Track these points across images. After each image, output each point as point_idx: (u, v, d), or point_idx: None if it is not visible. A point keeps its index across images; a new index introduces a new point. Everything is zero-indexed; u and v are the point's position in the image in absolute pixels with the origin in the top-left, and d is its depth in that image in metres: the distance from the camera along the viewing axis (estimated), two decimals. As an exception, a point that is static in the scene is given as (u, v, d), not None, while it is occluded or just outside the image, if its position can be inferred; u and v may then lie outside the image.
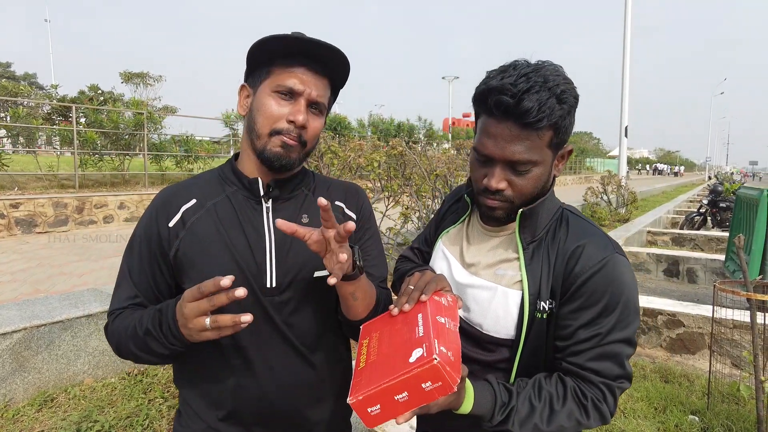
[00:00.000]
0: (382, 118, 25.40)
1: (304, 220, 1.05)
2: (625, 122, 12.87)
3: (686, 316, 4.28)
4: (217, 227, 1.00)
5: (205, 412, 1.05)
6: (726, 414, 3.05)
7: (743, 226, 5.70)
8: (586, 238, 0.97)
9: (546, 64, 0.92)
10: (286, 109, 0.98)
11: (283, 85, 0.97)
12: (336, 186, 1.18)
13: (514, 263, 1.00)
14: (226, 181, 1.07)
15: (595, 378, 0.93)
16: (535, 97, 0.86)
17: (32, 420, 2.63)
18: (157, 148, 12.14)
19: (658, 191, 24.82)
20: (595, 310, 0.92)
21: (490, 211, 1.00)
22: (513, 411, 0.91)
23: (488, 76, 0.93)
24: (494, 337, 1.01)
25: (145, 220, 1.05)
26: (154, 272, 1.03)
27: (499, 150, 0.91)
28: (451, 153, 5.66)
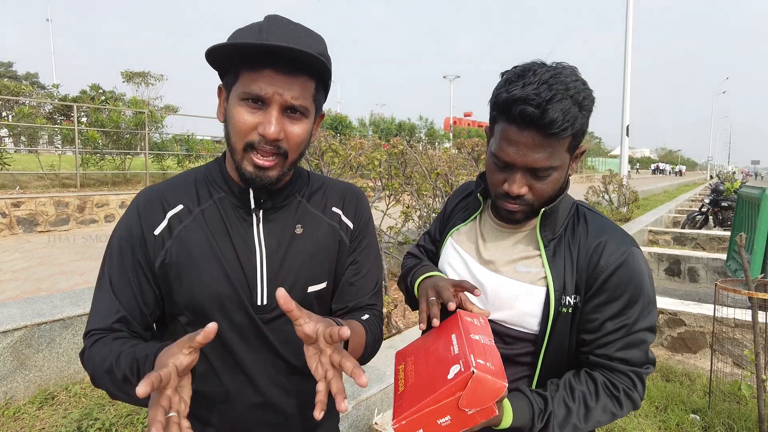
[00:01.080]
0: (383, 118, 25.41)
1: (297, 231, 0.99)
2: (627, 121, 12.85)
3: (687, 315, 4.28)
4: (207, 237, 0.93)
5: (207, 422, 0.99)
6: (727, 413, 3.04)
7: (745, 225, 5.68)
8: (606, 233, 1.00)
9: (564, 68, 0.92)
10: (256, 119, 0.86)
11: (249, 92, 0.85)
12: (333, 189, 1.08)
13: (535, 260, 1.02)
14: (214, 185, 0.97)
15: (625, 367, 0.97)
16: (559, 106, 0.87)
17: (33, 418, 2.64)
18: (158, 147, 12.15)
19: (659, 190, 24.78)
20: (620, 303, 0.96)
21: (510, 215, 1.02)
22: (551, 416, 0.93)
23: (508, 82, 0.93)
24: (518, 331, 1.03)
25: (125, 224, 0.94)
26: (139, 282, 0.93)
27: (521, 157, 0.92)
28: (452, 152, 5.65)
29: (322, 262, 1.00)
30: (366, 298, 1.07)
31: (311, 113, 0.92)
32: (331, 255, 1.02)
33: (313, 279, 0.98)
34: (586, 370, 1.01)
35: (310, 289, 0.98)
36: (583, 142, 0.98)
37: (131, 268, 0.92)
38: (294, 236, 0.98)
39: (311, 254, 0.99)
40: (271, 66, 0.84)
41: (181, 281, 0.92)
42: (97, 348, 0.88)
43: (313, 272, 0.98)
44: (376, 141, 5.59)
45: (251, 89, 0.85)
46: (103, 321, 0.91)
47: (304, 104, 0.88)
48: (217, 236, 0.93)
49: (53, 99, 13.18)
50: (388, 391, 2.78)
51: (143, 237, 0.92)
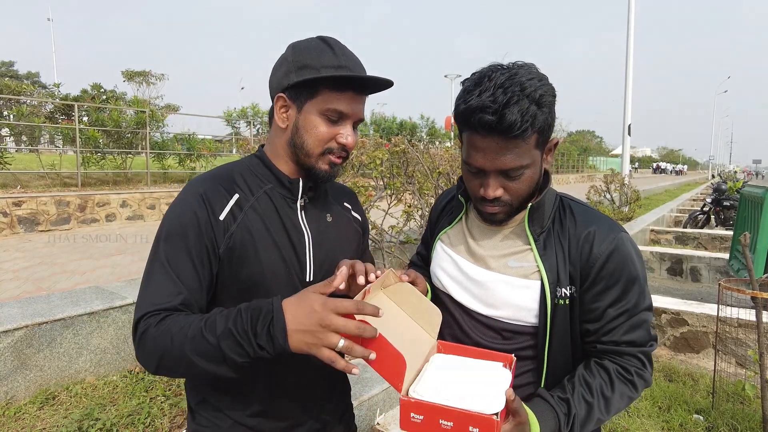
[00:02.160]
0: (384, 117, 25.41)
1: (329, 219, 1.13)
2: (629, 120, 12.83)
3: (690, 315, 4.26)
4: (264, 224, 1.02)
5: (230, 408, 1.05)
6: (731, 413, 3.03)
7: (748, 224, 5.66)
8: (593, 222, 1.03)
9: (519, 68, 0.95)
10: (335, 131, 1.02)
11: (334, 109, 1.00)
12: (339, 188, 1.26)
13: (526, 254, 1.04)
14: (261, 177, 1.08)
15: (632, 349, 1.00)
16: (516, 109, 0.89)
17: (34, 418, 2.63)
18: (159, 146, 12.15)
19: (660, 189, 24.75)
20: (618, 288, 0.99)
21: (491, 217, 1.04)
22: (575, 417, 0.95)
23: (465, 92, 0.95)
24: (515, 325, 1.04)
25: (188, 208, 0.97)
26: (203, 264, 0.95)
27: (489, 162, 0.95)
28: (453, 151, 5.63)
29: (348, 246, 1.16)
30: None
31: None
32: (352, 241, 1.19)
33: (346, 256, 1.07)
34: (596, 361, 1.03)
35: None
36: (552, 135, 1.01)
37: (196, 251, 0.95)
38: (327, 223, 1.12)
39: (340, 239, 1.13)
40: (353, 89, 1.01)
41: (243, 264, 0.99)
42: (169, 323, 0.86)
43: (343, 255, 1.08)
44: (377, 140, 5.57)
45: (336, 107, 1.00)
46: (166, 301, 0.90)
47: (363, 117, 1.07)
48: (272, 223, 1.03)
49: (54, 98, 13.20)
50: (390, 391, 2.77)
51: (209, 221, 0.97)
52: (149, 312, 0.89)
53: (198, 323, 0.85)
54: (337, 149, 1.03)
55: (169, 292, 0.91)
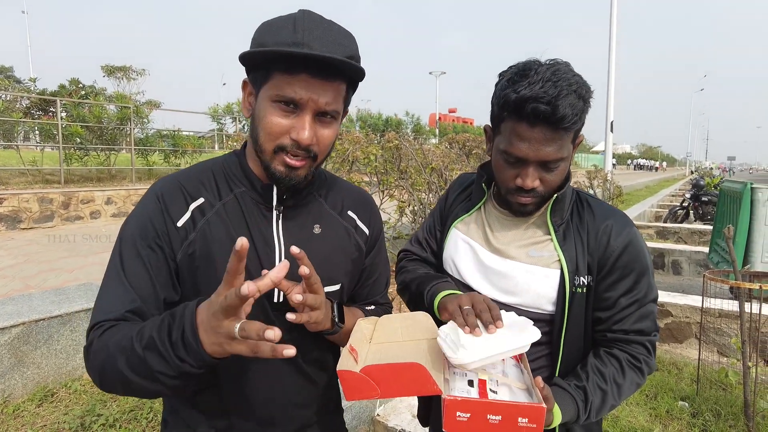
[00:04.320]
0: (370, 113, 25.38)
1: (316, 230, 0.99)
2: (611, 117, 13.06)
3: (674, 306, 4.39)
4: (228, 232, 0.91)
5: (197, 422, 0.96)
6: (714, 399, 3.15)
7: (727, 218, 5.85)
8: (611, 216, 1.08)
9: (560, 64, 0.97)
10: (289, 122, 0.85)
11: (283, 95, 0.83)
12: (349, 193, 1.10)
13: (547, 244, 1.08)
14: (233, 179, 0.96)
15: (641, 338, 1.05)
16: (567, 102, 0.92)
17: (33, 415, 2.61)
18: (143, 143, 11.97)
19: (641, 185, 25.24)
20: (631, 279, 1.04)
21: (522, 208, 1.07)
22: (592, 403, 1.00)
23: (511, 82, 0.97)
24: (533, 312, 1.07)
25: (145, 213, 0.89)
26: (159, 270, 0.87)
27: (533, 152, 0.97)
28: (442, 148, 5.70)
29: (337, 263, 1.01)
30: (377, 299, 1.14)
31: (340, 115, 0.92)
32: (347, 257, 1.03)
33: (328, 279, 0.97)
34: (605, 350, 1.08)
35: (325, 290, 0.96)
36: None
37: (150, 256, 0.87)
38: (312, 236, 0.98)
39: (328, 255, 0.98)
40: (307, 70, 0.82)
41: (202, 275, 0.89)
42: (109, 334, 0.79)
43: (329, 273, 0.97)
44: (369, 135, 5.61)
45: (285, 93, 0.83)
46: (115, 310, 0.83)
47: (336, 108, 0.88)
48: (238, 232, 0.91)
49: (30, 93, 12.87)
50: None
51: (166, 227, 0.88)
52: (99, 322, 0.82)
53: (132, 333, 0.76)
54: (291, 146, 0.85)
55: (122, 300, 0.84)
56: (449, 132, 29.79)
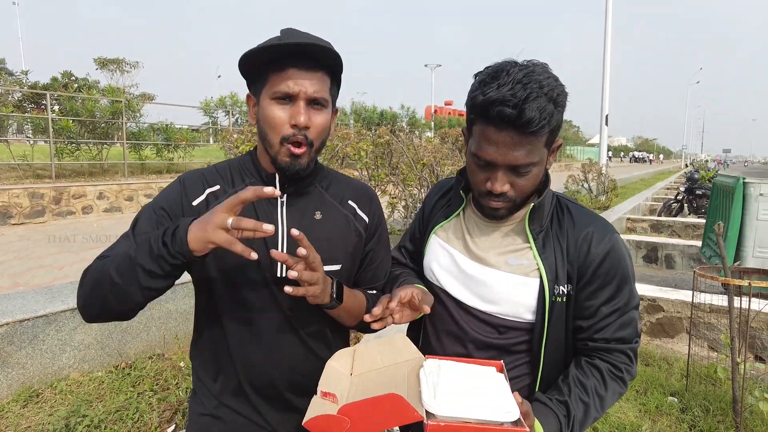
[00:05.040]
0: (364, 106, 25.27)
1: (317, 216, 1.10)
2: (606, 111, 13.03)
3: (666, 301, 4.40)
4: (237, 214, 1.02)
5: (213, 385, 1.10)
6: (703, 395, 3.16)
7: (719, 213, 5.86)
8: (591, 223, 1.06)
9: (536, 66, 0.95)
10: (287, 113, 1.00)
11: (279, 90, 0.99)
12: (351, 186, 1.22)
13: (526, 252, 1.06)
14: (246, 172, 1.10)
15: (622, 346, 1.05)
16: (535, 105, 0.90)
17: (18, 416, 2.59)
18: (135, 137, 11.87)
19: (636, 178, 25.30)
20: (612, 287, 1.03)
21: (493, 212, 1.05)
22: (575, 418, 0.99)
23: (482, 84, 0.95)
24: (512, 321, 1.06)
25: (168, 193, 1.06)
26: None
27: (501, 156, 0.95)
28: (435, 142, 5.66)
29: (337, 245, 1.12)
30: (379, 285, 1.23)
31: (329, 105, 1.05)
32: (346, 241, 1.14)
33: (328, 260, 1.06)
34: (586, 360, 1.06)
35: (324, 268, 1.06)
36: (558, 135, 1.02)
37: (161, 220, 1.01)
38: (314, 221, 1.09)
39: (327, 238, 1.10)
40: (294, 65, 0.98)
41: (213, 253, 0.97)
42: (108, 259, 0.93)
43: (328, 254, 1.07)
44: (360, 131, 5.56)
45: (280, 88, 0.98)
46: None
47: (324, 96, 1.02)
48: (246, 214, 1.01)
49: (22, 86, 12.73)
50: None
51: (182, 205, 1.04)
52: (104, 256, 0.97)
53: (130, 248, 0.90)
54: (292, 135, 1.00)
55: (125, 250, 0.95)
56: (445, 125, 29.71)
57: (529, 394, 1.07)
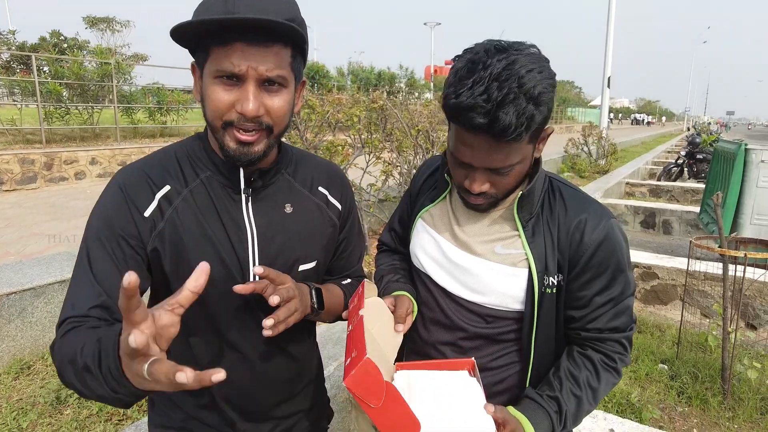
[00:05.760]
0: (362, 67, 24.69)
1: (287, 210, 0.98)
2: (608, 73, 12.73)
3: (661, 269, 4.40)
4: (197, 218, 0.90)
5: (182, 399, 0.99)
6: (693, 362, 3.19)
7: (720, 178, 5.78)
8: (584, 209, 0.98)
9: (518, 55, 0.83)
10: (233, 96, 0.82)
11: (222, 69, 0.81)
12: (318, 168, 1.08)
13: (514, 241, 1.00)
14: (198, 163, 0.93)
15: (616, 335, 1.00)
16: (512, 109, 0.80)
17: (9, 388, 2.61)
18: (127, 99, 11.61)
19: (637, 141, 25.06)
20: (606, 277, 0.97)
21: (475, 208, 1.00)
22: (567, 413, 0.96)
23: (458, 78, 0.85)
24: (500, 311, 1.02)
25: (109, 204, 0.88)
26: (126, 263, 0.86)
27: (478, 160, 0.89)
28: (432, 106, 5.52)
29: (311, 241, 1.01)
30: (351, 271, 1.16)
31: (291, 82, 0.88)
32: (321, 234, 1.03)
33: (303, 258, 0.99)
34: (578, 350, 1.02)
35: (300, 268, 0.99)
36: (548, 124, 0.93)
37: (117, 249, 0.85)
38: (284, 215, 0.97)
39: (301, 234, 0.99)
40: (242, 39, 0.79)
41: (175, 265, 0.89)
42: (68, 338, 0.78)
43: (303, 252, 0.99)
44: (355, 95, 5.41)
45: (224, 66, 0.80)
46: (81, 307, 0.82)
47: (282, 74, 0.84)
48: (208, 217, 0.91)
49: (10, 47, 12.34)
50: (370, 351, 2.81)
51: (133, 218, 0.87)
52: (66, 319, 0.81)
53: (78, 347, 0.72)
54: (238, 120, 0.83)
55: (88, 295, 0.82)
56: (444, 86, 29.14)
57: (520, 382, 1.05)
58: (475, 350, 1.03)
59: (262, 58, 0.81)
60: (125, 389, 0.66)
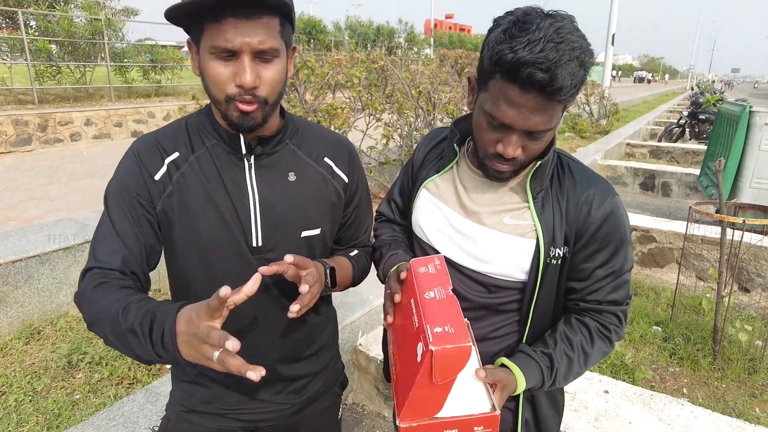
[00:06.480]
0: (360, 21, 23.92)
1: (291, 178, 1.03)
2: (613, 30, 12.37)
3: (659, 232, 4.44)
4: (202, 183, 0.96)
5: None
6: (686, 324, 3.27)
7: (722, 141, 5.74)
8: (592, 185, 1.02)
9: (564, 21, 0.86)
10: (230, 70, 0.87)
11: (217, 45, 0.85)
12: (325, 140, 1.11)
13: (523, 212, 1.02)
14: (205, 132, 1.00)
15: (613, 308, 1.04)
16: (567, 71, 0.83)
17: (21, 353, 2.67)
18: (120, 57, 11.29)
19: (639, 101, 24.68)
20: (609, 251, 1.01)
21: (498, 174, 0.99)
22: (558, 371, 1.00)
23: (510, 35, 0.84)
24: (504, 280, 1.04)
25: (125, 170, 0.97)
26: (140, 223, 0.95)
27: (521, 120, 0.88)
28: (433, 67, 5.39)
29: (315, 209, 1.05)
30: (358, 241, 1.21)
31: (282, 52, 0.92)
32: (325, 203, 1.07)
33: (306, 225, 1.03)
34: (576, 317, 1.06)
35: (303, 234, 1.04)
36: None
37: (132, 210, 0.95)
38: (287, 183, 1.02)
39: (304, 201, 1.03)
40: (233, 14, 0.83)
41: (181, 226, 0.96)
42: (101, 292, 0.87)
43: (306, 219, 1.03)
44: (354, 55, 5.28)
45: (218, 43, 0.85)
46: (106, 260, 0.92)
47: (273, 45, 0.88)
48: (212, 182, 0.97)
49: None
50: (371, 314, 2.88)
51: (144, 181, 0.95)
52: (92, 268, 0.92)
53: (119, 306, 0.83)
54: (238, 94, 0.88)
55: (112, 249, 0.93)
56: (444, 42, 28.36)
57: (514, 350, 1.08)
58: (476, 321, 1.06)
59: (252, 32, 0.85)
60: (171, 357, 0.77)
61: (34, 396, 2.37)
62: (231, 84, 0.87)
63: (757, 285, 3.92)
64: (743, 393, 2.69)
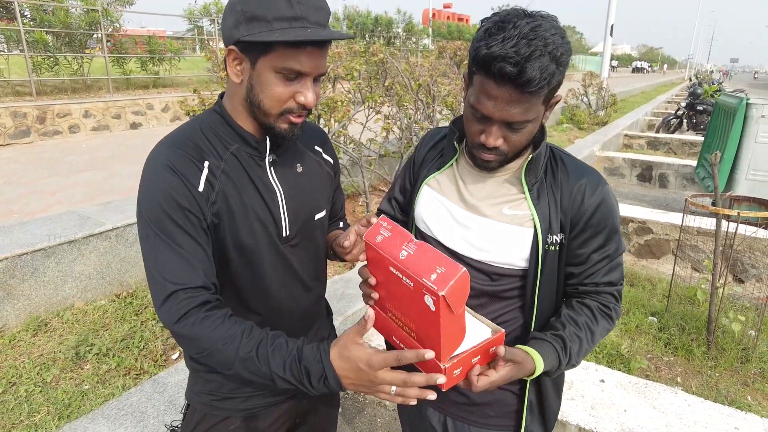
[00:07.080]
0: (358, 11, 23.74)
1: (299, 169, 1.12)
2: (612, 20, 12.33)
3: (655, 224, 4.49)
4: (236, 187, 1.02)
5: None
6: (681, 314, 3.33)
7: (719, 132, 5.78)
8: (584, 174, 1.10)
9: (544, 19, 0.94)
10: (292, 89, 0.95)
11: (289, 68, 0.92)
12: (310, 129, 1.23)
13: (521, 202, 1.09)
14: (224, 138, 1.03)
15: (609, 288, 1.13)
16: (537, 64, 0.89)
17: (29, 345, 2.72)
18: (117, 49, 11.22)
19: (637, 91, 24.64)
20: (602, 236, 1.09)
21: (485, 164, 1.07)
22: (571, 349, 1.07)
23: (488, 34, 0.93)
24: (505, 268, 1.11)
25: (164, 185, 0.94)
26: (200, 237, 0.96)
27: (498, 112, 0.96)
28: (432, 59, 5.40)
29: (320, 193, 1.18)
30: (340, 215, 1.37)
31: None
32: (324, 187, 1.20)
33: (317, 208, 1.15)
34: (577, 300, 1.13)
35: (316, 217, 1.16)
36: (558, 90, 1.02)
37: (189, 223, 0.95)
38: (297, 175, 1.12)
39: (312, 189, 1.15)
40: (313, 44, 0.92)
41: (226, 231, 1.01)
42: (211, 324, 0.90)
43: (316, 203, 1.15)
44: (353, 48, 5.27)
45: (292, 66, 0.91)
46: (186, 279, 0.91)
47: (326, 67, 0.99)
48: (244, 186, 1.03)
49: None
50: (373, 307, 2.92)
51: (191, 193, 0.95)
52: (180, 288, 0.90)
53: (248, 345, 0.89)
54: (297, 108, 0.97)
55: (186, 267, 0.92)
56: (443, 32, 28.19)
57: (523, 336, 1.14)
58: (480, 308, 1.12)
59: (321, 59, 0.95)
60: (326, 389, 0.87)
61: (44, 387, 2.42)
62: (291, 101, 0.96)
63: (751, 276, 3.98)
64: (736, 381, 2.75)
